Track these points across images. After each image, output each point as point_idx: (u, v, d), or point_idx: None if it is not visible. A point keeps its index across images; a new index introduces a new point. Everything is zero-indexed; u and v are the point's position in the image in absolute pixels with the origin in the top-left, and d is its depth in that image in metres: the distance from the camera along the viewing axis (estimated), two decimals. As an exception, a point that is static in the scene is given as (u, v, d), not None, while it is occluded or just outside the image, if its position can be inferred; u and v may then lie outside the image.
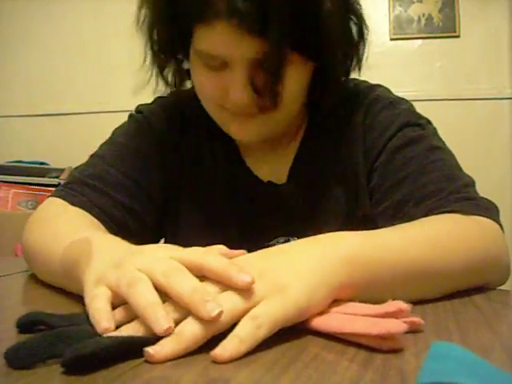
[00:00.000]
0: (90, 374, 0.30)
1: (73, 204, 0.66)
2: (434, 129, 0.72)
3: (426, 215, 0.59)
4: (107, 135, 0.76)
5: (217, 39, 0.58)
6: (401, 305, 0.37)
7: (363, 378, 0.30)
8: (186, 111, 0.78)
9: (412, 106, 0.75)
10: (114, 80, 2.53)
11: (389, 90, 0.77)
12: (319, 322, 0.38)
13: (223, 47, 0.58)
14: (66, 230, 0.58)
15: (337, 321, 0.38)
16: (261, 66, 0.59)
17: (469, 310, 0.45)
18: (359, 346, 0.36)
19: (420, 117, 0.72)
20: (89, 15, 2.65)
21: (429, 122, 0.72)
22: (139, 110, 0.79)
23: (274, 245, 0.72)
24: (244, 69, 0.59)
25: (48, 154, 2.56)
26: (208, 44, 0.59)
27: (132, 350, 0.33)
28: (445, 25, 2.34)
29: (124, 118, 0.78)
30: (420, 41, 2.38)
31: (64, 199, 0.67)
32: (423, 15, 2.36)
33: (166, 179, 0.75)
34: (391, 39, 2.40)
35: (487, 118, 2.30)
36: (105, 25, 2.61)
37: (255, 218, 0.75)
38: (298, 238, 0.74)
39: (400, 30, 2.38)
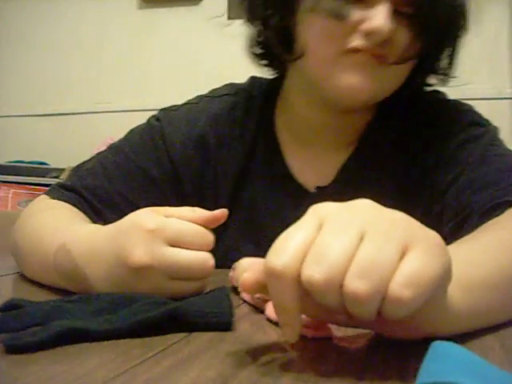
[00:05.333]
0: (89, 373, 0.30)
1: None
2: (496, 128, 0.73)
3: (485, 204, 0.59)
4: (107, 135, 0.75)
5: None
6: None
7: (363, 377, 0.30)
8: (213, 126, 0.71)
9: (472, 106, 0.76)
10: (114, 80, 2.52)
11: (444, 94, 0.78)
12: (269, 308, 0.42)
13: None
14: (49, 225, 0.58)
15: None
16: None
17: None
18: (359, 346, 0.36)
19: (482, 117, 0.74)
20: (88, 15, 2.65)
21: (489, 123, 0.74)
22: (159, 117, 0.72)
23: None
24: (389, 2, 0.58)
25: (48, 154, 2.55)
26: None
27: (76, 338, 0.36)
28: (445, 25, 2.34)
29: (124, 118, 0.78)
30: (420, 41, 2.38)
31: (53, 198, 0.66)
32: (423, 15, 2.36)
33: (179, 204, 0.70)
34: (391, 39, 2.39)
35: (487, 117, 2.29)
36: (104, 24, 2.61)
37: None
38: None
39: (400, 30, 2.38)
